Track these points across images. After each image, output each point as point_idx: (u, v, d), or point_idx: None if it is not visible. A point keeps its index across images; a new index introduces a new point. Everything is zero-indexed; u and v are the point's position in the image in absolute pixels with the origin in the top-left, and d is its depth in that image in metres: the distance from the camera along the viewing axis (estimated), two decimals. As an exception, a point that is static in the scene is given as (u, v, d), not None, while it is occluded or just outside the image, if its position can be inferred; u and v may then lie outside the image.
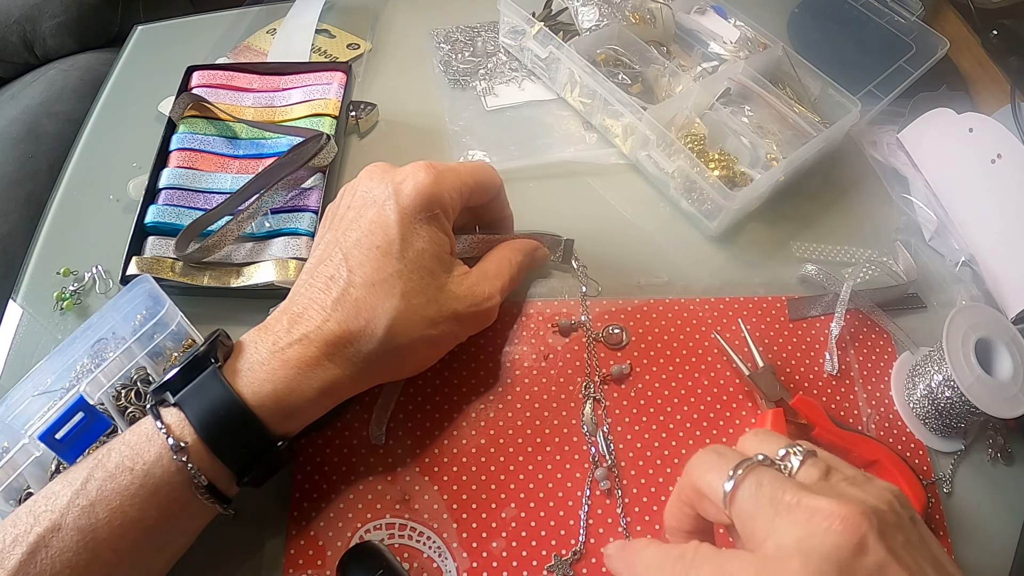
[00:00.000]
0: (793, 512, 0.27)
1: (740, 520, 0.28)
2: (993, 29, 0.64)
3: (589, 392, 0.45)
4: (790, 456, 0.30)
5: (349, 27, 0.66)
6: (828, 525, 0.26)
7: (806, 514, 0.27)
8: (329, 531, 0.40)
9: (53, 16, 0.79)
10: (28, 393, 0.40)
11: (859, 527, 0.26)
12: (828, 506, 0.27)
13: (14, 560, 0.30)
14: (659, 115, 0.53)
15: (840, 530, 0.26)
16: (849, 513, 0.26)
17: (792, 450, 0.30)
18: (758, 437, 0.33)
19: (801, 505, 0.27)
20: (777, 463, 0.30)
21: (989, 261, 0.53)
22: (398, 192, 0.39)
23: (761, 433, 0.33)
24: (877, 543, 0.26)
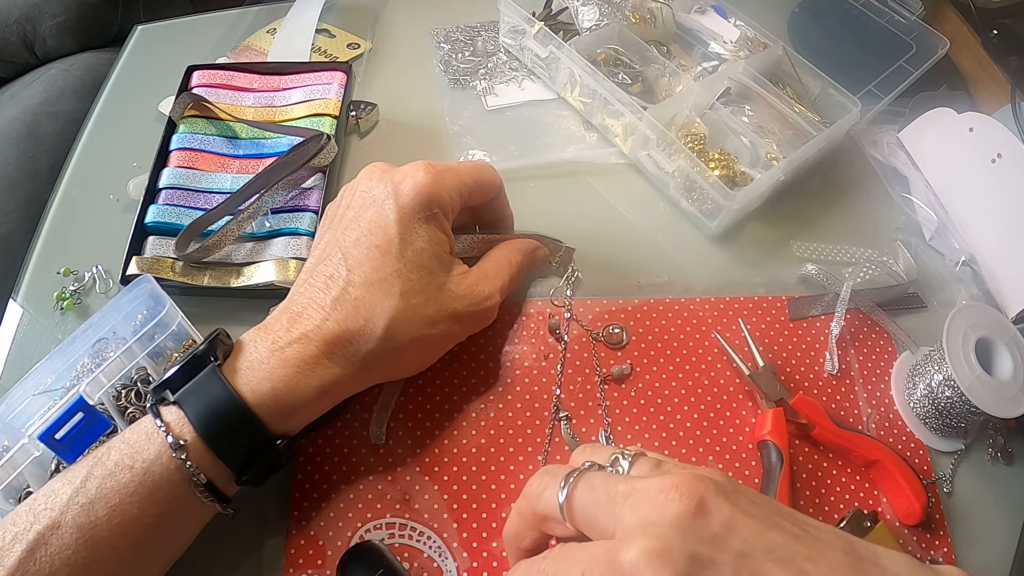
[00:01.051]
0: (630, 498, 0.27)
1: (585, 526, 0.29)
2: (993, 29, 0.64)
3: (557, 414, 0.44)
4: (619, 461, 0.30)
5: (349, 27, 0.66)
6: (664, 497, 0.27)
7: (642, 495, 0.27)
8: (329, 531, 0.40)
9: (53, 16, 0.79)
10: (28, 392, 0.40)
11: (695, 490, 0.27)
12: (661, 481, 0.27)
13: (13, 558, 0.30)
14: (659, 115, 0.53)
15: (677, 497, 0.26)
16: (683, 480, 0.27)
17: (621, 454, 0.31)
18: (587, 451, 0.33)
19: (636, 489, 0.28)
20: (608, 468, 0.30)
21: (989, 261, 0.53)
22: (397, 192, 0.39)
23: (589, 447, 0.34)
24: (718, 501, 0.27)
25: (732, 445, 0.44)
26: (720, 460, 0.43)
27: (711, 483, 0.27)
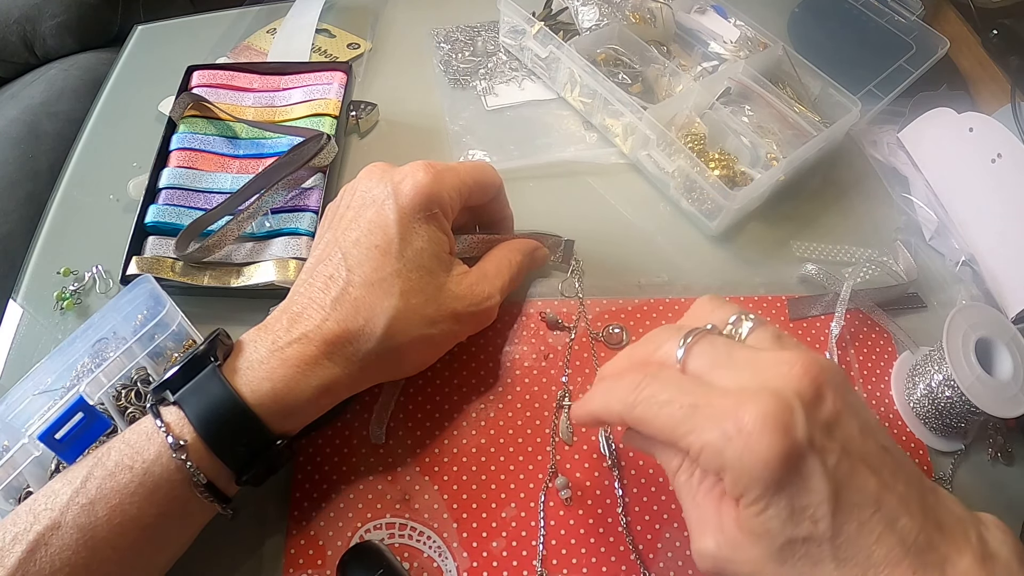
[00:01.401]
0: (752, 363, 0.29)
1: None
2: (993, 29, 0.64)
3: (563, 402, 0.45)
4: (741, 322, 0.31)
5: (349, 27, 0.66)
6: (789, 370, 0.28)
7: (767, 363, 0.29)
8: (329, 531, 0.40)
9: (53, 16, 0.79)
10: (28, 392, 0.40)
11: (818, 377, 0.28)
12: (787, 355, 0.29)
13: (13, 558, 0.31)
14: (659, 115, 0.53)
15: (801, 374, 0.28)
16: (808, 361, 0.28)
17: (743, 316, 0.32)
18: (710, 304, 0.34)
19: (760, 357, 0.29)
20: (728, 328, 0.32)
21: (989, 261, 0.53)
22: (397, 191, 0.39)
23: (712, 300, 0.34)
24: (834, 393, 0.28)
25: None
26: (720, 460, 0.43)
27: (830, 373, 0.28)
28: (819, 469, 0.27)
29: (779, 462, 0.26)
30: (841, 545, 0.27)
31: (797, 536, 0.27)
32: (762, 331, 0.31)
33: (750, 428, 0.26)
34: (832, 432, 0.27)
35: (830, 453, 0.27)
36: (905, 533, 0.27)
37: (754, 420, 0.26)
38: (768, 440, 0.26)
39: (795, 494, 0.27)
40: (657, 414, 0.30)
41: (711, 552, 0.30)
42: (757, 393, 0.27)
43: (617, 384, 0.32)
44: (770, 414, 0.26)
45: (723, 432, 0.27)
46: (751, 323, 0.31)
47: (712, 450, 0.28)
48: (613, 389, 0.32)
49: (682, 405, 0.29)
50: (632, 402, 0.31)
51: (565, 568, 0.39)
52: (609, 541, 0.40)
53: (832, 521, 0.27)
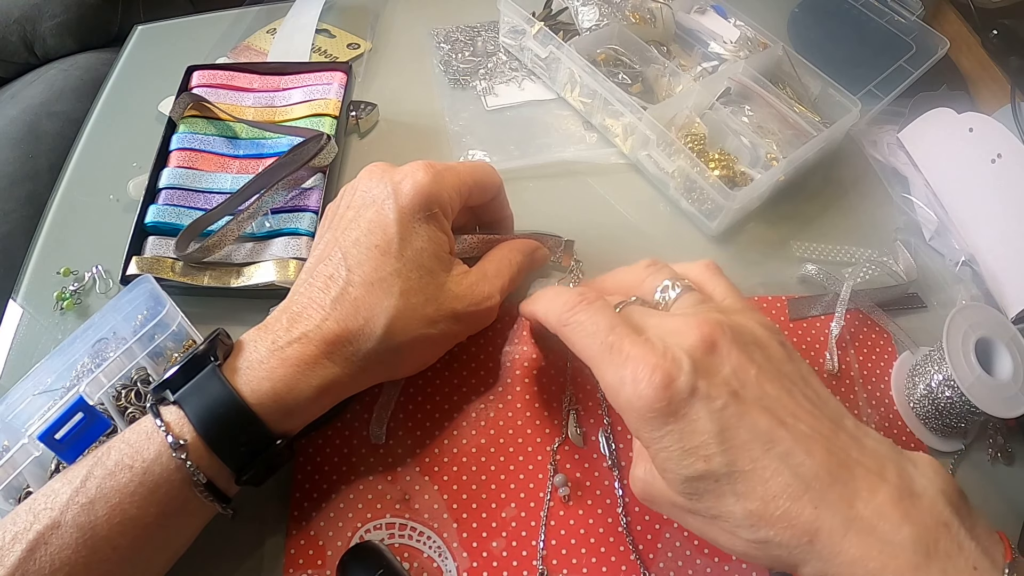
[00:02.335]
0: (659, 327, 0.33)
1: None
2: (993, 29, 0.64)
3: (571, 404, 0.44)
4: (668, 289, 0.36)
5: (349, 27, 0.66)
6: (685, 330, 0.32)
7: (669, 324, 0.33)
8: (329, 531, 0.40)
9: (53, 16, 0.79)
10: (28, 392, 0.40)
11: (710, 334, 0.32)
12: (691, 320, 0.33)
13: (13, 557, 0.31)
14: (659, 115, 0.53)
15: (694, 334, 0.32)
16: (705, 321, 0.32)
17: (673, 284, 0.36)
18: (647, 270, 0.39)
19: (664, 319, 0.34)
20: (657, 294, 0.37)
21: (989, 261, 0.53)
22: (397, 191, 0.39)
23: (652, 267, 0.39)
24: (730, 346, 0.32)
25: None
26: (720, 460, 0.43)
27: (729, 330, 0.32)
28: (704, 412, 0.30)
29: (660, 407, 0.30)
30: (738, 479, 0.30)
31: (694, 473, 0.30)
32: (687, 295, 0.36)
33: (639, 377, 0.31)
34: (725, 380, 0.31)
35: (716, 398, 0.30)
36: (803, 469, 0.29)
37: (643, 370, 0.31)
38: (651, 389, 0.30)
39: (683, 436, 0.30)
40: (579, 339, 0.34)
41: (640, 477, 0.34)
42: (654, 347, 0.31)
43: (561, 297, 0.36)
44: (657, 366, 0.30)
45: (620, 378, 0.31)
46: (678, 290, 0.36)
47: (612, 392, 0.32)
48: (556, 300, 0.36)
49: (602, 342, 0.33)
50: (564, 319, 0.35)
51: (565, 568, 0.39)
52: (609, 541, 0.40)
53: (724, 458, 0.30)
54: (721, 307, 0.36)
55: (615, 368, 0.32)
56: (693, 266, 0.39)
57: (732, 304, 0.36)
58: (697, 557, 0.40)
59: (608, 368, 0.32)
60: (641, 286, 0.38)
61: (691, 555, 0.40)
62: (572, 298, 0.35)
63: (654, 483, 0.33)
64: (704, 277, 0.38)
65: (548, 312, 0.37)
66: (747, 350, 0.32)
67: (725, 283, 0.38)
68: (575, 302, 0.35)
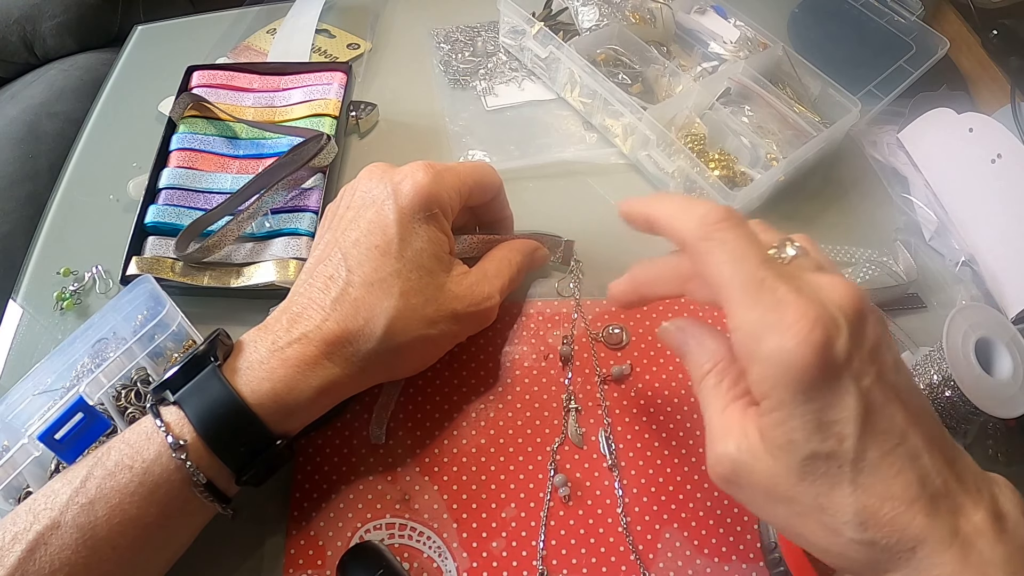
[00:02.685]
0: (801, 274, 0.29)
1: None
2: (993, 29, 0.64)
3: (569, 405, 0.45)
4: (787, 247, 0.31)
5: (349, 27, 0.66)
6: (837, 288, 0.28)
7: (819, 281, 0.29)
8: (329, 531, 0.40)
9: (53, 16, 0.79)
10: (28, 392, 0.40)
11: (862, 298, 0.28)
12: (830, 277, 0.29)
13: (13, 558, 0.31)
14: (659, 115, 0.53)
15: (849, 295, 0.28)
16: (852, 285, 0.28)
17: (791, 242, 0.31)
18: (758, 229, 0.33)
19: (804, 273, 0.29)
20: (771, 253, 0.31)
21: (989, 261, 0.53)
22: (397, 192, 0.39)
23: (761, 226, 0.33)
24: (874, 322, 0.28)
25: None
26: (720, 460, 0.43)
27: (871, 302, 0.29)
28: (853, 388, 0.27)
29: (815, 370, 0.26)
30: (863, 469, 0.27)
31: (821, 451, 0.27)
32: (805, 260, 0.31)
33: (798, 327, 0.26)
34: (871, 355, 0.27)
35: (866, 376, 0.27)
36: (925, 473, 0.27)
37: (801, 321, 0.26)
38: (810, 345, 0.26)
39: (824, 408, 0.27)
40: (721, 262, 0.29)
41: (731, 454, 0.29)
42: (811, 298, 0.27)
43: (696, 205, 0.30)
44: (818, 321, 0.26)
45: (771, 322, 0.27)
46: (795, 250, 0.31)
47: (750, 334, 0.27)
48: (690, 207, 0.30)
49: (751, 273, 0.28)
50: (705, 234, 0.29)
51: (565, 568, 0.39)
52: (609, 541, 0.40)
53: (857, 442, 0.27)
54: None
55: (763, 308, 0.27)
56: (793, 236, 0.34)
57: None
58: (697, 557, 0.40)
59: (753, 305, 0.27)
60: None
61: (691, 555, 0.40)
62: (716, 210, 0.30)
63: (752, 462, 0.29)
64: (807, 245, 0.33)
65: (675, 218, 0.31)
66: (886, 333, 0.29)
67: (823, 254, 0.33)
68: (721, 215, 0.29)
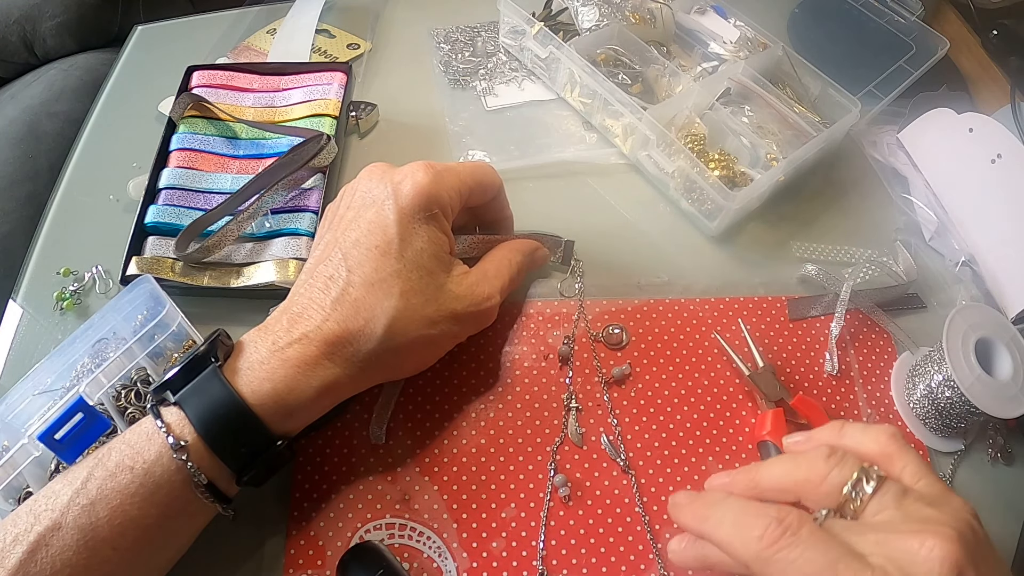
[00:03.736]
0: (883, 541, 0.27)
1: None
2: (993, 29, 0.64)
3: (570, 404, 0.45)
4: (864, 484, 0.29)
5: (349, 27, 0.66)
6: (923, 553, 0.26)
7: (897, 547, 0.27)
8: (329, 531, 0.40)
9: (53, 16, 0.79)
10: (28, 392, 0.40)
11: (955, 555, 0.26)
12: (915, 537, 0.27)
13: (14, 559, 0.31)
14: (659, 115, 0.53)
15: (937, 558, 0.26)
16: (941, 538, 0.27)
17: (867, 475, 0.30)
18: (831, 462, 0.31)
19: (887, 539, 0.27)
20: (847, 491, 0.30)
21: (989, 261, 0.53)
22: (397, 192, 0.39)
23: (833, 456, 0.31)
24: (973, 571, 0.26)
25: (732, 445, 0.44)
26: (720, 460, 0.43)
27: (964, 546, 0.27)
28: None
29: None
30: None
31: None
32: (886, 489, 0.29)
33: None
34: None
35: None
36: None
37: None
38: None
39: None
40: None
41: None
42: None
43: (750, 522, 0.29)
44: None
45: None
46: (874, 481, 0.30)
47: None
48: (745, 526, 0.29)
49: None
50: (766, 557, 0.28)
51: (565, 568, 0.39)
52: (609, 541, 0.40)
53: None
54: (926, 498, 0.30)
55: None
56: (870, 437, 0.33)
57: (930, 489, 0.30)
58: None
59: None
60: (823, 484, 0.31)
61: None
62: (771, 528, 0.28)
63: None
64: (889, 451, 0.32)
65: (736, 546, 0.29)
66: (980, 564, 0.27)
67: (914, 458, 0.31)
68: (776, 534, 0.28)
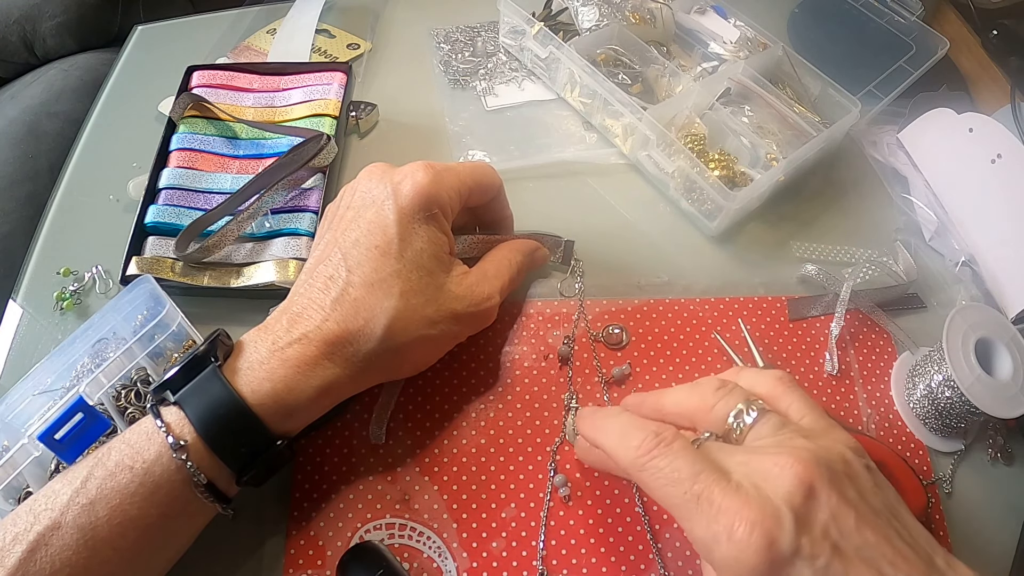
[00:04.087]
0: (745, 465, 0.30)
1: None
2: (993, 29, 0.64)
3: (570, 404, 0.45)
4: (744, 414, 0.32)
5: (349, 27, 0.66)
6: (778, 471, 0.29)
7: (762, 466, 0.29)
8: (329, 531, 0.40)
9: (53, 16, 0.79)
10: (28, 392, 0.40)
11: (809, 474, 0.28)
12: (775, 457, 0.29)
13: (14, 558, 0.31)
14: (659, 115, 0.53)
15: (792, 480, 0.28)
16: (797, 460, 0.29)
17: (748, 407, 0.32)
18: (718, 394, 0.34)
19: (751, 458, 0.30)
20: (731, 419, 0.32)
21: (989, 261, 0.53)
22: (396, 192, 0.39)
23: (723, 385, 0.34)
24: (827, 490, 0.28)
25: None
26: (720, 460, 0.43)
27: (824, 469, 0.29)
28: (808, 572, 0.27)
29: (762, 571, 0.27)
30: None
31: None
32: (766, 420, 0.32)
33: (738, 536, 0.27)
34: (826, 531, 0.28)
35: (819, 556, 0.27)
36: None
37: (740, 527, 0.27)
38: (753, 551, 0.27)
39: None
40: (661, 487, 0.30)
41: None
42: (748, 497, 0.28)
43: (632, 433, 0.32)
44: (756, 523, 0.27)
45: (714, 534, 0.28)
46: (755, 413, 0.32)
47: (703, 546, 0.29)
48: (628, 436, 0.32)
49: (687, 491, 0.29)
50: (640, 464, 0.31)
51: (565, 568, 0.39)
52: (609, 541, 0.40)
53: None
54: (803, 431, 0.32)
55: (706, 522, 0.28)
56: (762, 379, 0.35)
57: (813, 424, 0.32)
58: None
59: (698, 521, 0.29)
60: (711, 412, 0.33)
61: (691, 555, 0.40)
62: (647, 439, 0.31)
63: None
64: (777, 392, 0.34)
65: (617, 451, 0.33)
66: (842, 488, 0.29)
67: (801, 397, 0.34)
68: (651, 444, 0.31)
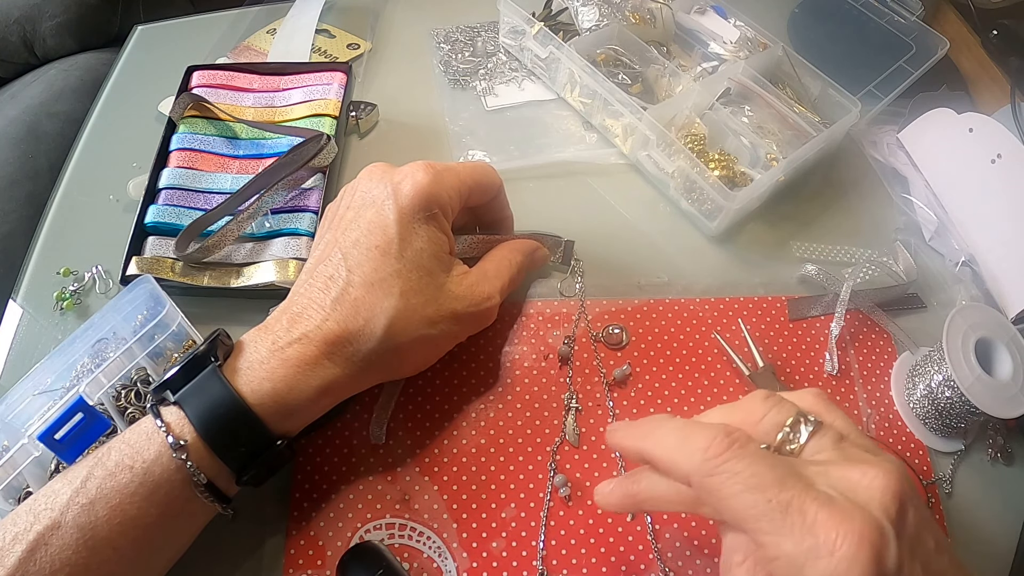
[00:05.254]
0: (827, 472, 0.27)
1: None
2: (993, 29, 0.64)
3: (570, 403, 0.45)
4: (801, 427, 0.30)
5: (349, 27, 0.66)
6: (870, 483, 0.26)
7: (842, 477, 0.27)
8: (329, 531, 0.40)
9: (53, 16, 0.79)
10: (28, 392, 0.40)
11: (901, 492, 0.26)
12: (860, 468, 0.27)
13: (14, 558, 0.31)
14: (659, 115, 0.53)
15: (885, 488, 0.26)
16: (891, 477, 0.27)
17: (803, 420, 0.30)
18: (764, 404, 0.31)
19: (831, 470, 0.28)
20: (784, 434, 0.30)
21: (989, 261, 0.53)
22: (397, 192, 0.39)
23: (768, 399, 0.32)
24: (914, 510, 0.27)
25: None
26: (720, 460, 0.43)
27: (908, 484, 0.27)
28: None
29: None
30: None
31: None
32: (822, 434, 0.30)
33: (843, 552, 0.25)
34: (915, 551, 0.26)
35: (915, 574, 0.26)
36: None
37: (848, 544, 0.25)
38: (860, 568, 0.24)
39: None
40: (737, 494, 0.27)
41: None
42: (845, 509, 0.25)
43: (697, 434, 0.29)
44: (865, 539, 0.25)
45: (810, 548, 0.25)
46: (811, 427, 0.30)
47: (791, 562, 0.26)
48: (691, 439, 0.29)
49: (772, 499, 0.26)
50: (710, 468, 0.28)
51: (565, 568, 0.39)
52: (609, 541, 0.40)
53: None
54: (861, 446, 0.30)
55: (798, 535, 0.25)
56: (801, 396, 0.33)
57: (862, 440, 0.31)
58: (708, 554, 0.40)
59: (786, 534, 0.25)
60: (759, 424, 0.31)
61: (703, 553, 0.40)
62: (718, 439, 0.28)
63: None
64: (818, 408, 0.32)
65: (678, 457, 0.29)
66: (923, 511, 0.27)
67: (843, 415, 0.32)
68: (723, 445, 0.28)
